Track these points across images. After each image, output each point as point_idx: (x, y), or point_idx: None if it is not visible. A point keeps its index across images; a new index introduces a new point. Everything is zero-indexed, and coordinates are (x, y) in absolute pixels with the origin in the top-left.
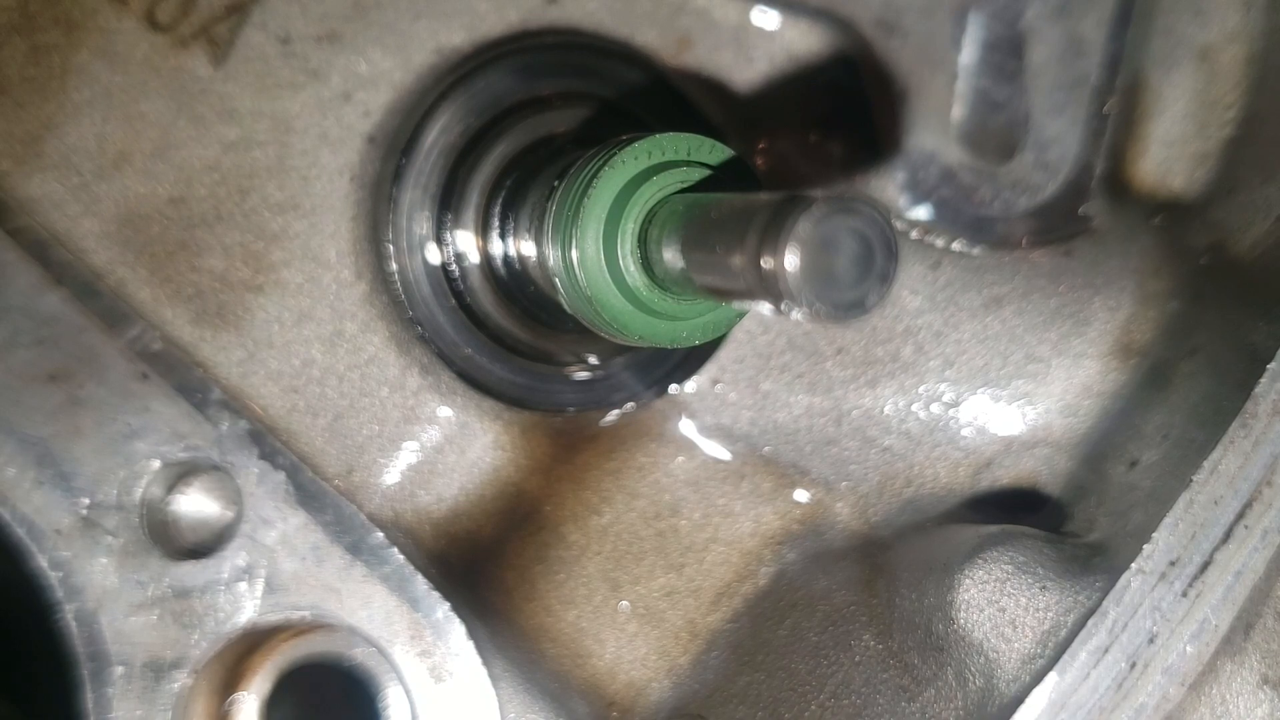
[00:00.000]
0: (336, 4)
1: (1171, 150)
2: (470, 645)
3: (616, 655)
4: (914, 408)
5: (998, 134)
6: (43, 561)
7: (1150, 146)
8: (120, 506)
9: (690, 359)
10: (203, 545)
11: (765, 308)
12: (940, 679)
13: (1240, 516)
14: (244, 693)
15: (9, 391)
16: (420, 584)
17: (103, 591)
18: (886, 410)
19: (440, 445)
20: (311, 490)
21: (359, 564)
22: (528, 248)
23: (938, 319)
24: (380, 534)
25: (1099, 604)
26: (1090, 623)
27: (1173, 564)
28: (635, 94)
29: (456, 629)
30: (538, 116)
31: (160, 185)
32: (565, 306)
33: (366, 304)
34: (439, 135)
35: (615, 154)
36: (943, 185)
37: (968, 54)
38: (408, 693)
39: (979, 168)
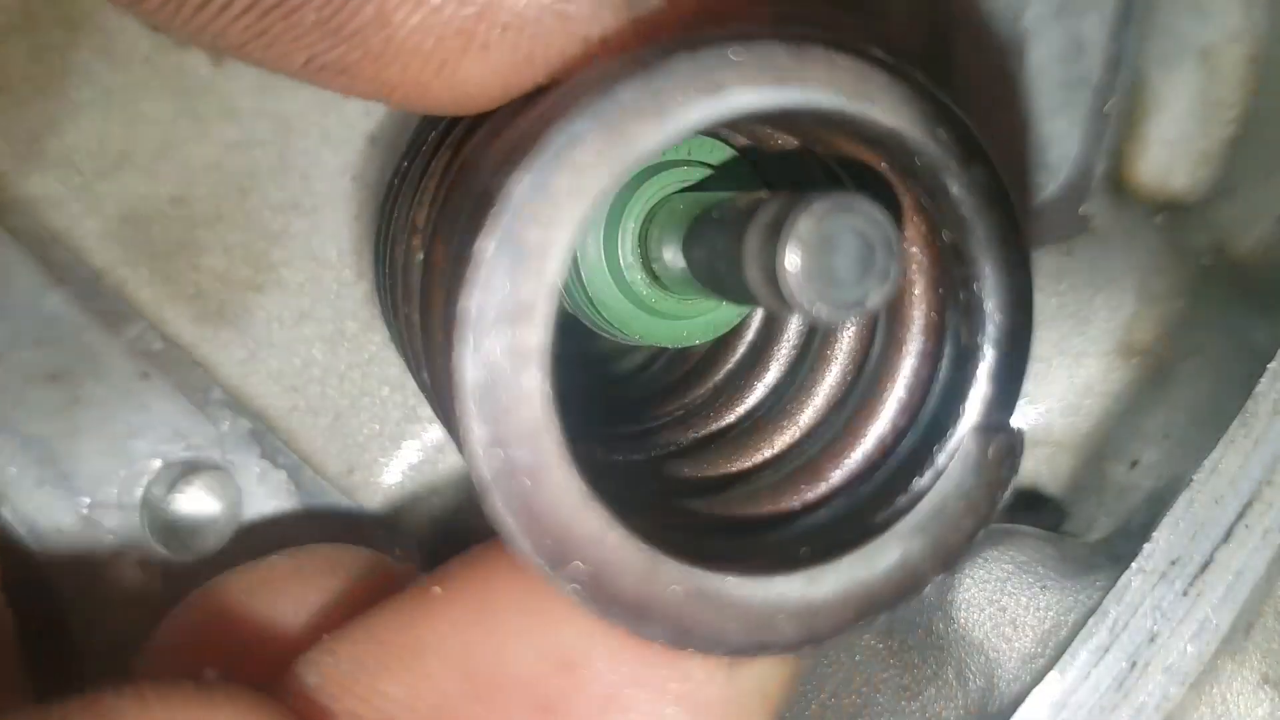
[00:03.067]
0: None
1: (1172, 150)
2: None
3: None
4: None
5: None
6: (43, 560)
7: (1151, 146)
8: (121, 505)
9: None
10: (204, 544)
11: (766, 307)
12: (941, 678)
13: (1241, 516)
14: None
15: (10, 391)
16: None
17: None
18: None
19: (441, 444)
20: (312, 489)
21: None
22: None
23: None
24: (381, 533)
25: (1100, 603)
26: (1091, 622)
27: (1173, 563)
28: None
29: None
30: None
31: (161, 185)
32: (565, 306)
33: (367, 303)
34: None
35: None
36: None
37: None
38: None
39: None
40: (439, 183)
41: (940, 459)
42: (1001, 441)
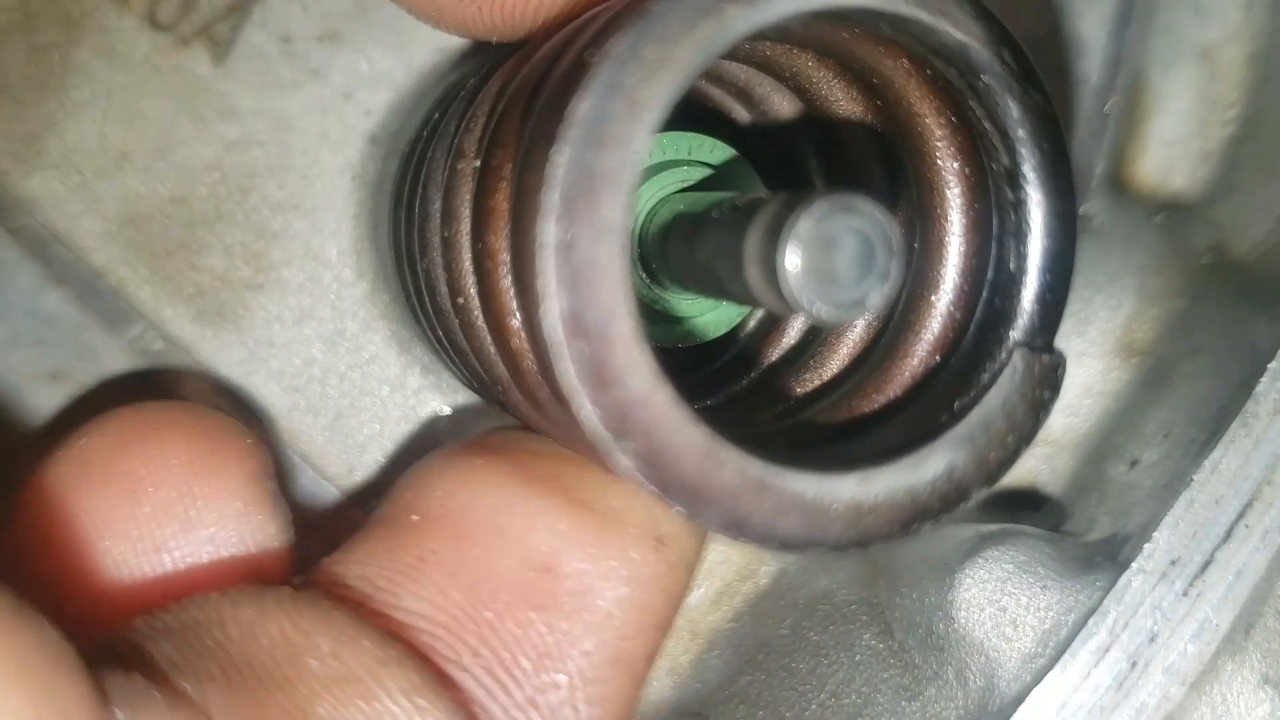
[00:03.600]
0: (337, 3)
1: (1172, 149)
2: None
3: None
4: None
5: None
6: None
7: (1151, 145)
8: None
9: None
10: None
11: (766, 307)
12: (941, 678)
13: (1241, 516)
14: None
15: (10, 391)
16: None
17: None
18: None
19: (442, 444)
20: (312, 489)
21: None
22: None
23: None
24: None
25: (1100, 603)
26: (1091, 622)
27: (1174, 563)
28: None
29: None
30: None
31: (161, 184)
32: None
33: (367, 303)
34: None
35: None
36: None
37: None
38: None
39: None
40: (494, 104)
41: (985, 378)
42: (1045, 363)
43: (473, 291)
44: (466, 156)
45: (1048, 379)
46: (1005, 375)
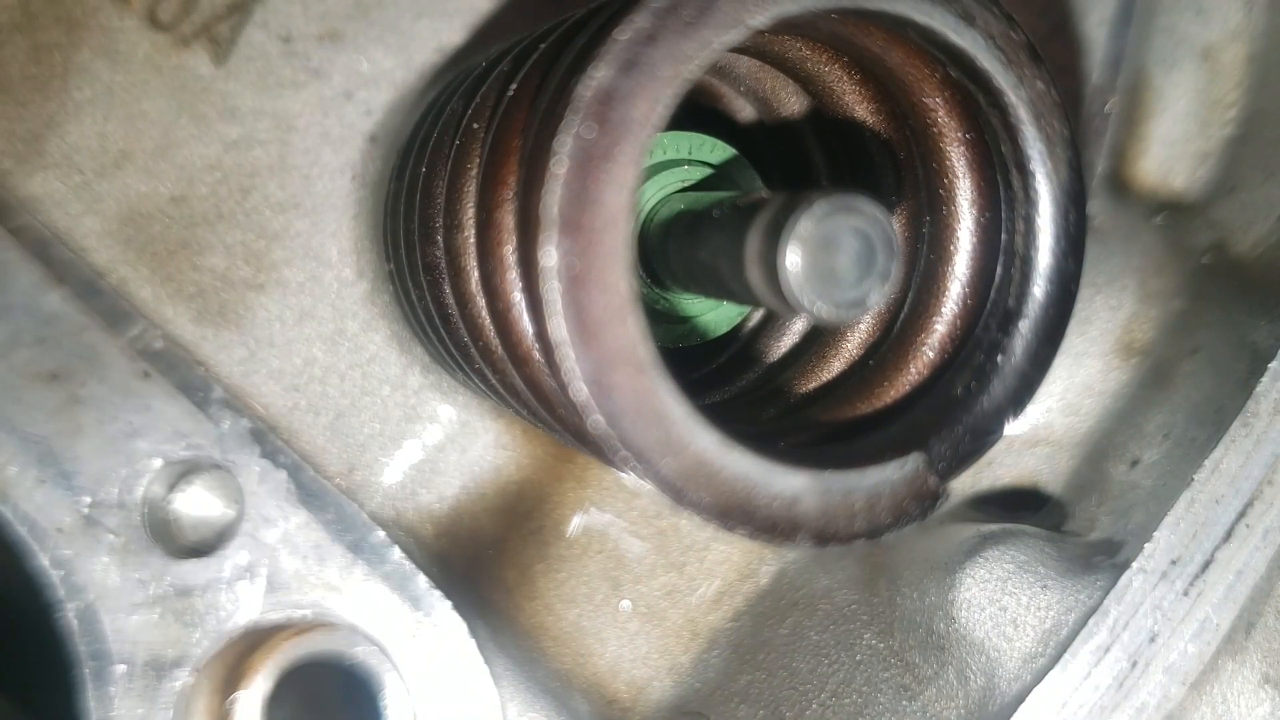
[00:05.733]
0: (338, 3)
1: (1173, 149)
2: (472, 644)
3: (618, 654)
4: None
5: None
6: (44, 560)
7: (1151, 145)
8: (122, 505)
9: None
10: (204, 544)
11: (767, 307)
12: (942, 678)
13: (1241, 515)
14: (245, 691)
15: (11, 390)
16: (421, 582)
17: (104, 590)
18: None
19: (442, 444)
20: (313, 489)
21: (360, 563)
22: None
23: None
24: (381, 533)
25: (1100, 603)
26: (1091, 621)
27: (1174, 563)
28: None
29: (458, 627)
30: None
31: (162, 184)
32: None
33: (368, 302)
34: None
35: None
36: None
37: None
38: (409, 691)
39: None
40: (501, 89)
41: (890, 468)
42: (929, 485)
43: (475, 272)
44: (473, 146)
45: (924, 497)
46: (893, 465)
